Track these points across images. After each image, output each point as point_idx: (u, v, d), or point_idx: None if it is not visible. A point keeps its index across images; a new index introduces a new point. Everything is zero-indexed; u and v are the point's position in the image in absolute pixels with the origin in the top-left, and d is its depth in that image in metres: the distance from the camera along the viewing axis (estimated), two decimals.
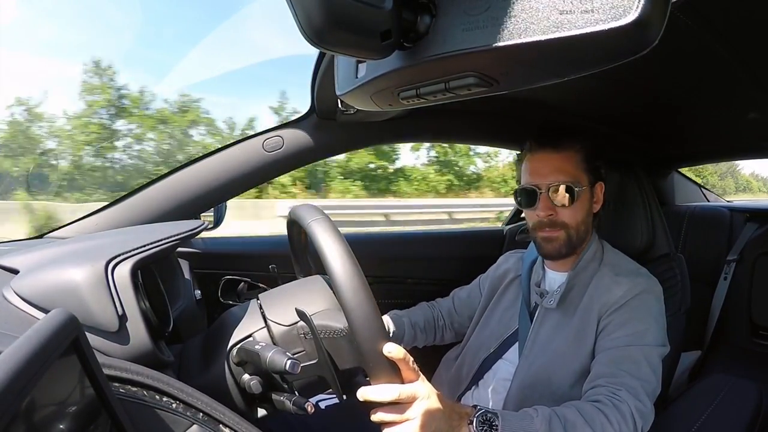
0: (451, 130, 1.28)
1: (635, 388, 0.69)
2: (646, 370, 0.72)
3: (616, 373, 0.71)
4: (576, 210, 0.81)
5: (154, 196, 0.99)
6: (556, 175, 0.81)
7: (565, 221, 0.81)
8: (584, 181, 0.82)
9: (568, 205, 0.80)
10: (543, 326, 0.85)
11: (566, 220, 0.81)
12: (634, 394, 0.68)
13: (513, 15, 0.28)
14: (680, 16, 0.62)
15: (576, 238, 0.82)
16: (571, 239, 0.82)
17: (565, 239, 0.82)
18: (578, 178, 0.81)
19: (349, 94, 0.44)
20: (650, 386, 0.71)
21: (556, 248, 0.82)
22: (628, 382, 0.70)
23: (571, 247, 0.83)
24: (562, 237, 0.82)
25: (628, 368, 0.71)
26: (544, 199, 0.81)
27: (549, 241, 0.83)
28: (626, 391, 0.68)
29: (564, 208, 0.81)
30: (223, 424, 0.51)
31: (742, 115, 1.13)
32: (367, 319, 0.51)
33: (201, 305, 0.96)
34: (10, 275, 0.56)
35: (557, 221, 0.81)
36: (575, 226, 0.81)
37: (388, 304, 1.06)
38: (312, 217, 0.57)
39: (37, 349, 0.32)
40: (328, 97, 0.94)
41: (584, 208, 0.82)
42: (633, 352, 0.73)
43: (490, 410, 0.63)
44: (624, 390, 0.68)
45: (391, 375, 0.54)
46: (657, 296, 0.81)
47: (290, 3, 0.29)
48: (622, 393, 0.68)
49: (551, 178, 0.81)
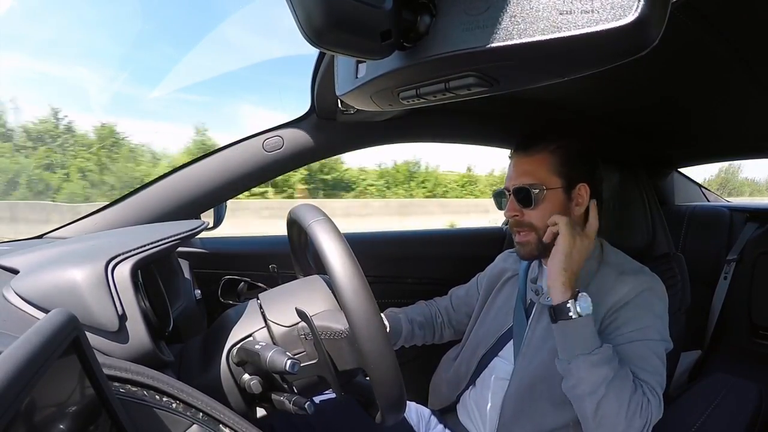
0: (451, 130, 1.28)
1: (650, 383, 0.72)
2: (655, 363, 0.74)
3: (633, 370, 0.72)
4: (542, 212, 0.82)
5: (154, 196, 0.99)
6: (521, 177, 0.84)
7: (532, 222, 0.83)
8: (554, 183, 0.82)
9: (528, 207, 0.83)
10: (540, 323, 0.85)
11: (533, 221, 0.83)
12: (652, 389, 0.71)
13: (513, 15, 0.28)
14: (680, 16, 0.62)
15: (547, 240, 0.83)
16: (541, 240, 0.83)
17: (536, 241, 0.84)
18: (545, 180, 0.82)
19: (349, 94, 0.44)
20: (661, 379, 0.74)
21: (529, 251, 0.86)
22: (644, 377, 0.72)
23: (543, 248, 0.84)
24: (533, 240, 0.84)
25: (640, 363, 0.73)
26: (511, 200, 0.85)
27: (522, 245, 0.86)
28: (647, 388, 0.71)
29: (530, 210, 0.83)
30: (223, 424, 0.51)
31: (742, 115, 1.13)
32: (369, 321, 0.51)
33: (201, 305, 0.96)
34: (10, 275, 0.56)
35: (524, 222, 0.84)
36: (544, 228, 0.83)
37: (387, 303, 1.06)
38: (313, 218, 0.57)
39: (37, 349, 0.32)
40: (328, 97, 0.94)
41: (554, 209, 0.82)
42: (639, 348, 0.74)
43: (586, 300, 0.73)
44: (646, 386, 0.71)
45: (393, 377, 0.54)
46: (661, 294, 0.81)
47: (290, 3, 0.29)
48: (645, 388, 0.71)
49: (517, 180, 0.84)
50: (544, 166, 0.83)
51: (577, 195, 0.84)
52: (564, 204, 0.83)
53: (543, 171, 0.83)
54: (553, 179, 0.82)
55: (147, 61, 20.39)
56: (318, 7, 0.28)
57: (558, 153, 0.83)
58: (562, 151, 0.83)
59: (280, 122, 1.06)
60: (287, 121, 1.06)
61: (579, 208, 0.84)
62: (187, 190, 1.00)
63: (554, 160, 0.83)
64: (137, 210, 0.98)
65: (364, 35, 0.31)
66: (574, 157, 0.84)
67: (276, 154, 1.04)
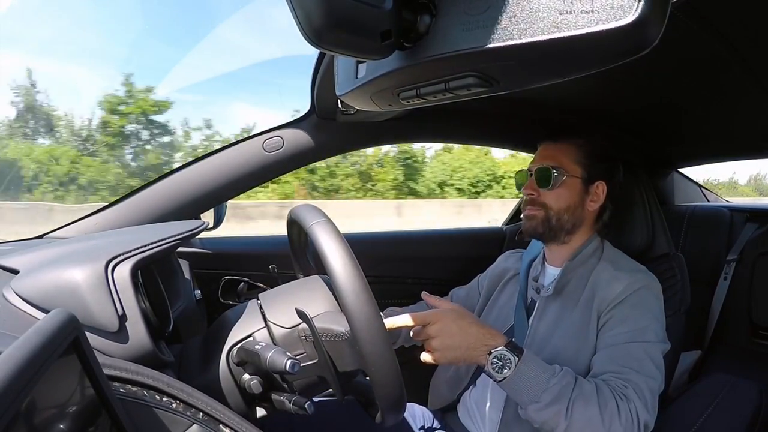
0: (451, 131, 1.28)
1: (639, 385, 0.70)
2: (650, 367, 0.73)
3: (620, 370, 0.71)
4: (559, 195, 0.85)
5: (154, 196, 0.99)
6: (545, 160, 0.87)
7: (546, 202, 0.86)
8: (575, 172, 0.86)
9: (546, 187, 0.85)
10: (542, 321, 0.86)
11: (547, 201, 0.86)
12: (639, 392, 0.69)
13: (513, 15, 0.28)
14: (680, 16, 0.62)
15: (555, 222, 0.86)
16: (549, 220, 0.86)
17: (543, 218, 0.86)
18: (567, 167, 0.85)
19: (349, 94, 0.44)
20: (655, 383, 0.72)
21: (533, 226, 0.87)
22: (634, 379, 0.70)
23: (548, 229, 0.86)
24: (540, 215, 0.86)
25: (633, 365, 0.72)
26: (531, 180, 0.88)
27: (528, 218, 0.88)
28: (632, 390, 0.69)
29: (547, 191, 0.86)
30: (223, 424, 0.51)
31: (742, 115, 1.14)
32: (370, 324, 0.51)
33: (201, 305, 0.96)
34: (10, 275, 0.56)
35: (538, 201, 0.87)
36: (556, 210, 0.85)
37: (387, 303, 1.06)
38: (314, 220, 0.57)
39: (37, 349, 0.32)
40: (328, 97, 0.93)
41: (570, 197, 0.86)
42: (635, 349, 0.74)
43: (517, 349, 0.69)
44: (630, 388, 0.69)
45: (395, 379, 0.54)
46: (656, 293, 0.81)
47: (290, 3, 0.29)
48: (628, 391, 0.69)
49: (540, 162, 0.88)
50: (568, 154, 0.86)
51: (595, 191, 0.87)
52: (580, 195, 0.86)
53: (566, 158, 0.86)
54: (574, 168, 0.86)
55: (146, 60, 20.57)
56: (318, 7, 0.28)
57: (584, 147, 0.87)
58: (588, 146, 0.87)
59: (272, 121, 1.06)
60: (287, 122, 1.06)
61: (593, 204, 0.87)
62: (187, 190, 1.00)
63: (579, 152, 0.86)
64: (137, 210, 0.98)
65: (364, 35, 0.31)
66: (598, 154, 0.88)
67: (276, 154, 1.04)
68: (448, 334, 0.70)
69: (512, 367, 0.68)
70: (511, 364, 0.68)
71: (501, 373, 0.68)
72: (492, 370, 0.69)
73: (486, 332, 0.71)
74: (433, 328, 0.71)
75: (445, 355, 0.70)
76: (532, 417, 0.69)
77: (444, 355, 0.70)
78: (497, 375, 0.68)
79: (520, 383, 0.68)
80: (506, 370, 0.68)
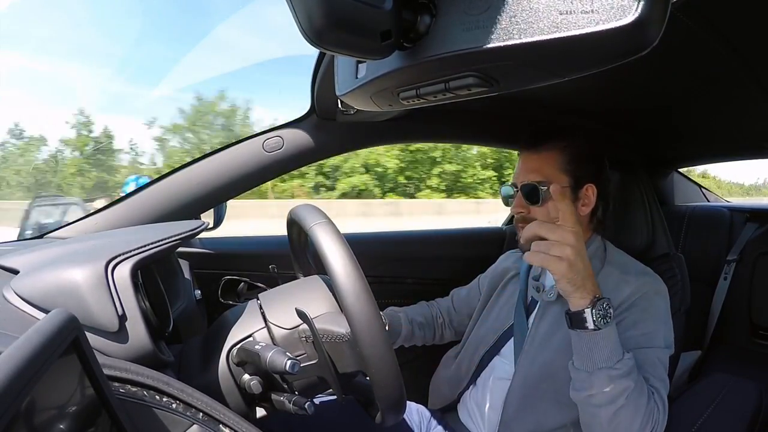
0: (451, 131, 1.28)
1: (660, 390, 0.71)
2: (661, 371, 0.73)
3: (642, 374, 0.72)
4: (550, 209, 0.81)
5: (154, 196, 0.99)
6: (529, 174, 0.83)
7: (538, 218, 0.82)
8: (562, 182, 0.81)
9: (536, 203, 0.82)
10: (543, 321, 0.85)
11: (539, 217, 0.82)
12: (659, 396, 0.70)
13: (513, 15, 0.28)
14: (680, 16, 0.62)
15: None
16: None
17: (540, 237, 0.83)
18: (553, 178, 0.81)
19: (349, 94, 0.44)
20: (666, 386, 0.73)
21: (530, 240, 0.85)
22: (654, 384, 0.71)
23: None
24: None
25: (649, 370, 0.72)
26: (518, 197, 0.85)
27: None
28: (657, 394, 0.70)
29: (536, 207, 0.82)
30: (223, 424, 0.51)
31: (742, 115, 1.13)
32: (370, 326, 0.51)
33: (201, 305, 0.96)
34: (10, 275, 0.56)
35: (530, 219, 0.83)
36: None
37: (387, 303, 1.06)
38: (314, 221, 0.57)
39: (37, 349, 0.32)
40: (328, 97, 0.93)
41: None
42: (649, 354, 0.74)
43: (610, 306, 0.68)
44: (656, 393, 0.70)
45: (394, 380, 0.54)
46: (665, 297, 0.81)
47: (290, 3, 0.29)
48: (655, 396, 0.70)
49: (524, 177, 0.84)
50: (552, 163, 0.83)
51: (585, 195, 0.84)
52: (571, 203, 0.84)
53: (551, 168, 0.82)
54: (560, 177, 0.82)
55: (145, 60, 20.53)
56: (318, 7, 0.28)
57: (566, 151, 0.83)
58: (570, 149, 0.83)
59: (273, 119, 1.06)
60: (287, 122, 1.06)
61: (585, 209, 0.84)
62: (187, 190, 1.00)
63: (562, 158, 0.83)
64: (137, 210, 0.98)
65: (364, 35, 0.31)
66: (582, 156, 0.84)
67: (276, 154, 1.04)
68: (581, 256, 0.67)
69: (610, 322, 0.67)
70: (609, 320, 0.67)
71: (599, 323, 0.66)
72: (590, 315, 0.66)
73: (595, 282, 0.69)
74: (572, 239, 0.66)
75: (568, 269, 0.65)
76: (597, 383, 0.67)
77: (569, 268, 0.65)
78: (594, 323, 0.66)
79: (605, 342, 0.66)
80: (603, 323, 0.66)
